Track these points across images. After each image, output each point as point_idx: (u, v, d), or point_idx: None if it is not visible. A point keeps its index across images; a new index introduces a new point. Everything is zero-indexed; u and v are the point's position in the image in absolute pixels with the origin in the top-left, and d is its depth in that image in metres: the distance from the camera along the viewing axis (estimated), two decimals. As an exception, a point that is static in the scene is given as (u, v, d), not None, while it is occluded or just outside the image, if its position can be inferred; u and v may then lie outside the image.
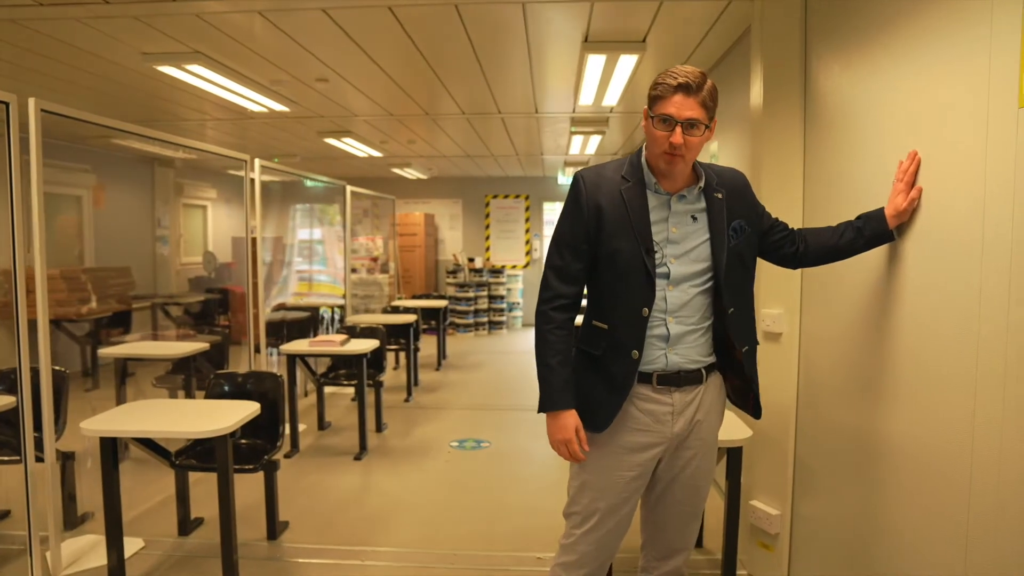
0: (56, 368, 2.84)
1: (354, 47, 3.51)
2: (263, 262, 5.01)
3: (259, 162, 4.31)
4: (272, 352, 4.88)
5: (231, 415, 2.55)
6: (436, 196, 10.40)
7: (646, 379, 1.69)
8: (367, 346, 4.30)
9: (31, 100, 2.45)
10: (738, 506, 2.46)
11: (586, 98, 4.54)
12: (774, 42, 2.48)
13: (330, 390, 5.56)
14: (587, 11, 3.00)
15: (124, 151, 6.91)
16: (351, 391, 5.63)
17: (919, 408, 1.72)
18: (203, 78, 3.96)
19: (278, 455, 3.05)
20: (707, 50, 3.60)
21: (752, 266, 1.80)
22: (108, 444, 2.48)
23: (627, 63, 3.68)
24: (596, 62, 3.67)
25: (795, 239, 1.88)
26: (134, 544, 2.89)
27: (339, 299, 6.28)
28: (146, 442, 2.68)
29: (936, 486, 1.64)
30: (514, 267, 10.34)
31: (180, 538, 3.01)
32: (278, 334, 5.39)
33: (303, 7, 2.93)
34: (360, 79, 4.21)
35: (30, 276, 2.48)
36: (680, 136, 1.56)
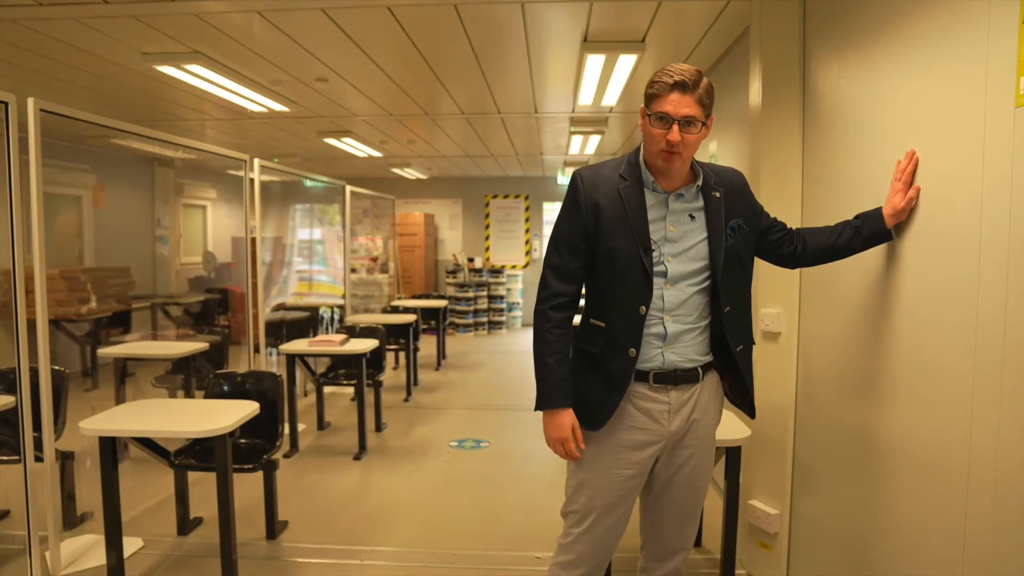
0: (55, 368, 2.84)
1: (353, 47, 3.51)
2: (263, 262, 5.01)
3: (259, 162, 4.31)
4: (271, 352, 4.88)
5: (230, 415, 2.55)
6: (436, 196, 10.40)
7: (643, 377, 1.70)
8: (366, 346, 4.31)
9: (30, 100, 2.46)
10: (737, 505, 2.46)
11: (585, 98, 4.55)
12: (773, 42, 2.48)
13: (329, 390, 5.57)
14: (586, 11, 3.00)
15: (124, 151, 6.92)
16: (350, 391, 5.64)
17: (917, 406, 1.73)
18: (203, 78, 3.96)
19: (277, 455, 3.05)
20: (706, 50, 3.60)
21: (750, 265, 1.80)
22: (107, 444, 2.49)
23: (626, 63, 3.68)
24: (595, 62, 3.67)
25: (793, 239, 1.88)
26: (133, 544, 2.89)
27: (339, 299, 6.28)
28: (145, 442, 2.69)
29: (934, 484, 1.64)
30: (514, 267, 10.34)
31: (179, 538, 3.01)
32: (277, 334, 5.39)
33: (302, 7, 2.93)
34: (360, 79, 4.21)
35: (29, 276, 2.48)
36: (677, 134, 1.56)
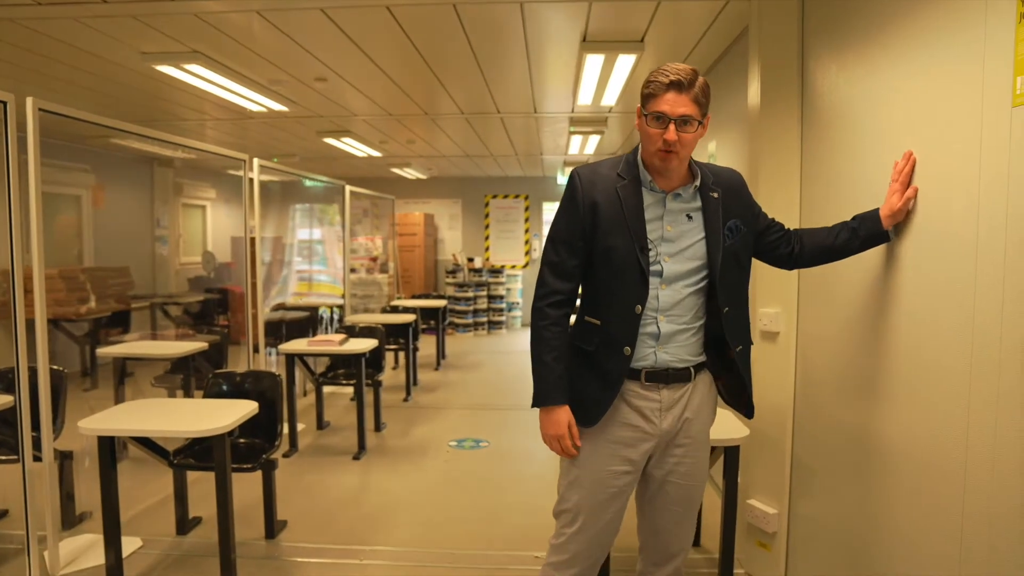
0: (54, 367, 2.84)
1: (353, 47, 3.52)
2: (262, 262, 5.01)
3: (258, 162, 4.31)
4: (271, 352, 4.88)
5: (229, 414, 2.55)
6: (435, 196, 10.40)
7: (635, 375, 1.71)
8: (366, 346, 4.31)
9: (29, 99, 2.46)
10: (735, 505, 2.46)
11: (585, 98, 4.55)
12: (772, 42, 2.48)
13: (329, 390, 5.57)
14: (585, 11, 3.00)
15: (123, 151, 6.92)
16: (350, 391, 5.63)
17: (915, 406, 1.73)
18: (202, 78, 3.96)
19: (276, 454, 3.05)
20: (705, 50, 3.61)
21: (747, 266, 1.80)
22: (106, 443, 2.49)
23: (625, 63, 3.69)
24: (594, 62, 3.67)
25: (791, 240, 1.88)
26: (132, 543, 2.89)
27: (338, 299, 6.28)
28: (144, 441, 2.69)
29: (932, 483, 1.65)
30: (513, 267, 10.34)
31: (178, 537, 3.01)
32: (277, 334, 5.40)
33: (301, 7, 2.93)
34: (359, 79, 4.21)
35: (28, 276, 2.48)
36: (674, 133, 1.57)
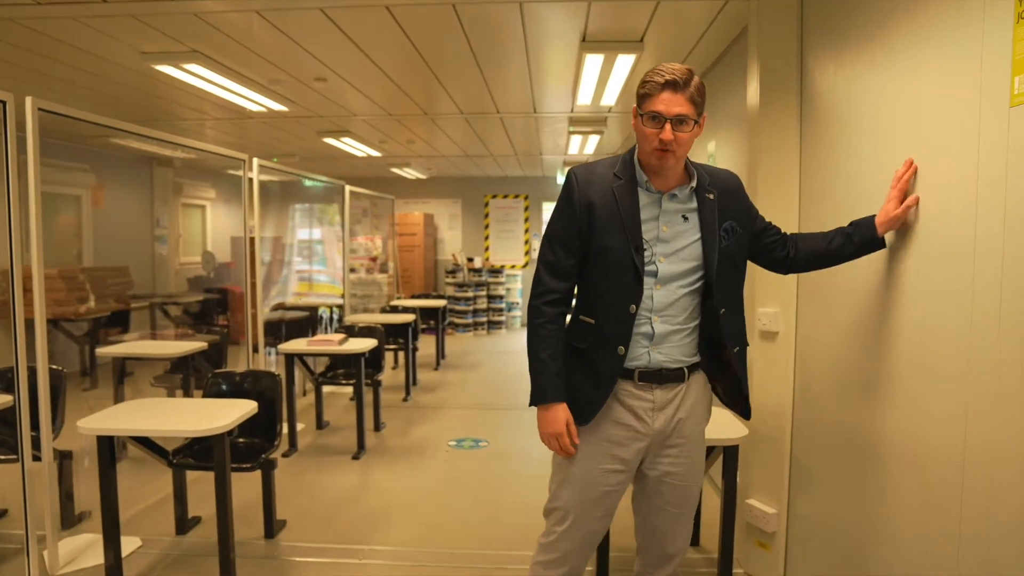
0: (53, 367, 2.84)
1: (352, 47, 3.52)
2: (262, 262, 5.02)
3: (258, 162, 4.31)
4: (270, 351, 4.88)
5: (228, 414, 2.55)
6: (435, 196, 10.40)
7: (628, 375, 1.71)
8: (365, 345, 4.31)
9: (28, 99, 2.46)
10: (734, 505, 2.46)
11: (584, 98, 4.55)
12: (770, 41, 2.48)
13: (328, 389, 5.57)
14: (584, 11, 3.00)
15: (123, 151, 6.92)
16: (349, 390, 5.63)
17: (913, 406, 1.73)
18: (201, 77, 3.96)
19: (276, 454, 3.05)
20: (704, 50, 3.60)
21: (743, 267, 1.80)
22: (105, 443, 2.49)
23: (625, 63, 3.69)
24: (594, 62, 3.67)
25: (786, 243, 1.88)
26: (131, 543, 2.89)
27: (338, 299, 6.29)
28: (143, 441, 2.69)
29: (930, 483, 1.65)
30: (513, 267, 10.35)
31: (177, 537, 3.01)
32: (276, 333, 5.40)
33: (301, 6, 2.93)
34: (358, 79, 4.21)
35: (27, 275, 2.49)
36: (670, 132, 1.57)
